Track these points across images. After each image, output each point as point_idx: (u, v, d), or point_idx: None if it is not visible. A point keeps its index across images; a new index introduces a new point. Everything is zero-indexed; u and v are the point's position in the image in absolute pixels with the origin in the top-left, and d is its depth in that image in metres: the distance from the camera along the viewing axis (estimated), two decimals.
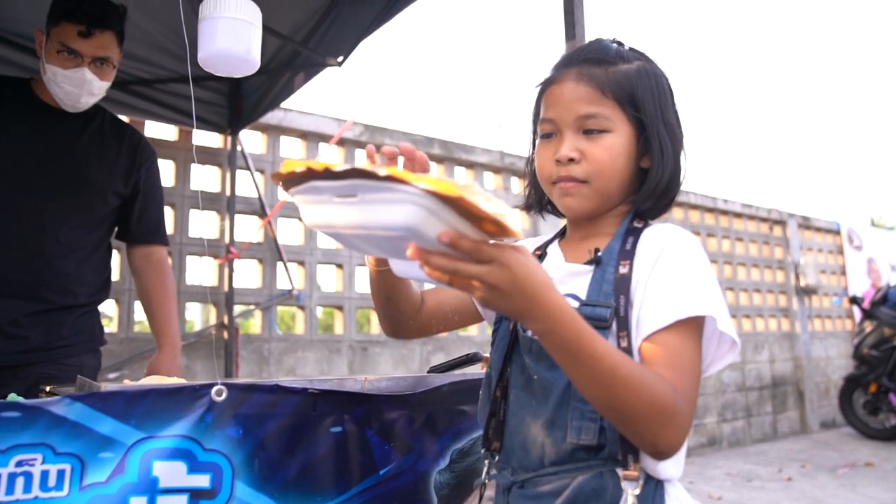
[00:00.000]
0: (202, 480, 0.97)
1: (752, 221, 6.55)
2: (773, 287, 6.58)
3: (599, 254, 0.94)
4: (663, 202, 1.00)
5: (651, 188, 0.98)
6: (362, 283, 3.94)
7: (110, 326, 3.24)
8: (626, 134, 0.97)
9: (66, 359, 1.73)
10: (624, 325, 0.88)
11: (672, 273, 0.90)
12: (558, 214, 1.08)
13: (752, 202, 6.55)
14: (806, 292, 6.70)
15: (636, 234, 0.97)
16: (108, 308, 3.25)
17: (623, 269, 0.92)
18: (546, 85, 1.02)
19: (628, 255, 0.93)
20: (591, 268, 0.94)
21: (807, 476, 4.44)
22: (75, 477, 0.90)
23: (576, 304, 0.90)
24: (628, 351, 0.87)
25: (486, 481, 0.98)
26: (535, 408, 0.91)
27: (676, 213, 5.84)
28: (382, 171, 0.63)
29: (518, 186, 4.74)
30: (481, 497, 1.02)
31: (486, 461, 0.98)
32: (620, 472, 0.85)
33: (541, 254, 1.05)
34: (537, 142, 1.03)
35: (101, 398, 0.94)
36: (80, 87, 1.73)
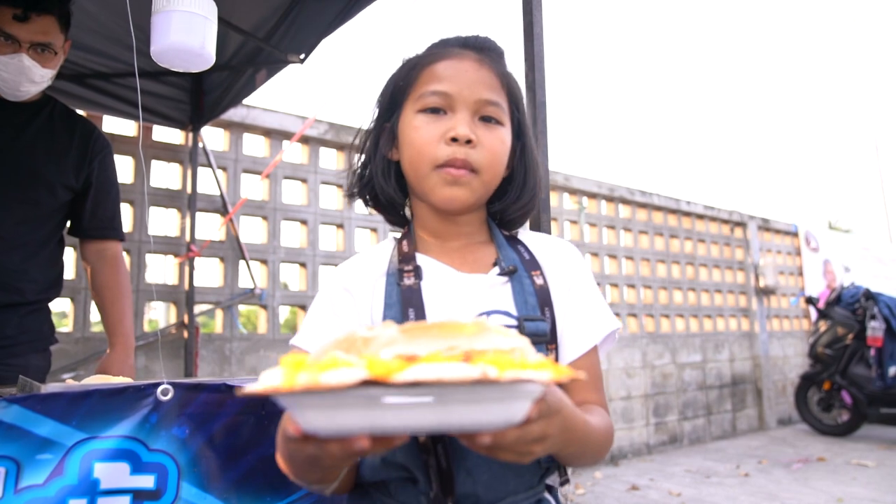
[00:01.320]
0: (146, 481, 0.95)
1: (714, 223, 6.68)
2: (734, 287, 6.72)
3: (505, 264, 0.89)
4: (528, 215, 0.96)
5: (526, 198, 0.94)
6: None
7: (65, 325, 3.17)
8: (510, 134, 0.92)
9: (11, 359, 1.68)
10: (553, 339, 0.86)
11: (585, 290, 0.91)
12: (387, 211, 0.97)
13: (715, 204, 6.68)
14: (765, 293, 6.86)
15: (519, 242, 0.94)
16: (63, 306, 3.17)
17: (539, 280, 0.88)
18: (437, 57, 0.90)
19: (535, 266, 0.90)
20: (506, 279, 0.88)
21: (763, 472, 4.54)
22: (10, 480, 0.88)
23: (511, 320, 0.85)
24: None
25: None
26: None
27: (640, 214, 5.93)
28: (507, 375, 0.51)
29: None
30: None
31: None
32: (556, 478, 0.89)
33: (413, 268, 0.89)
34: (414, 116, 0.89)
35: (40, 400, 0.92)
36: (18, 74, 1.64)
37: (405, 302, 0.85)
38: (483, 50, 0.92)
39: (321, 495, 0.98)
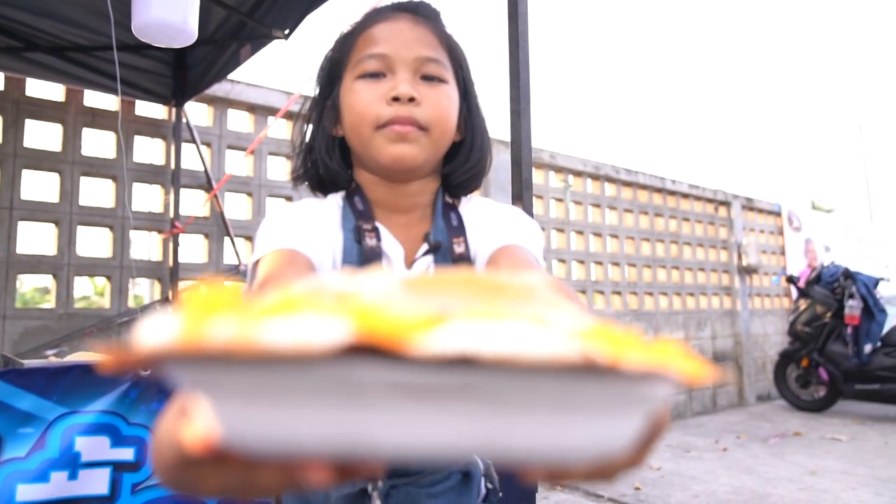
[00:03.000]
0: (126, 454, 0.97)
1: (699, 202, 6.73)
2: (717, 266, 6.80)
3: (432, 238, 0.85)
4: (478, 179, 0.92)
5: (474, 160, 0.90)
6: None
7: (48, 302, 3.17)
8: (456, 91, 0.88)
9: None
10: None
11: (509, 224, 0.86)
12: (332, 190, 0.91)
13: (699, 183, 6.73)
14: (747, 271, 6.95)
15: (455, 210, 0.90)
16: (45, 282, 3.16)
17: (458, 248, 0.85)
18: (371, 22, 0.87)
19: (459, 232, 0.86)
20: (429, 258, 0.85)
21: (741, 446, 4.64)
22: None
23: None
24: None
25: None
26: None
27: (625, 192, 5.96)
28: (632, 362, 0.25)
29: None
30: None
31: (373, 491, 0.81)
32: None
33: (373, 227, 0.84)
34: (353, 83, 0.85)
35: (21, 375, 0.93)
36: None
37: (367, 262, 0.81)
38: (418, 11, 0.88)
39: None
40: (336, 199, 0.90)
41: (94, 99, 3.27)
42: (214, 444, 0.28)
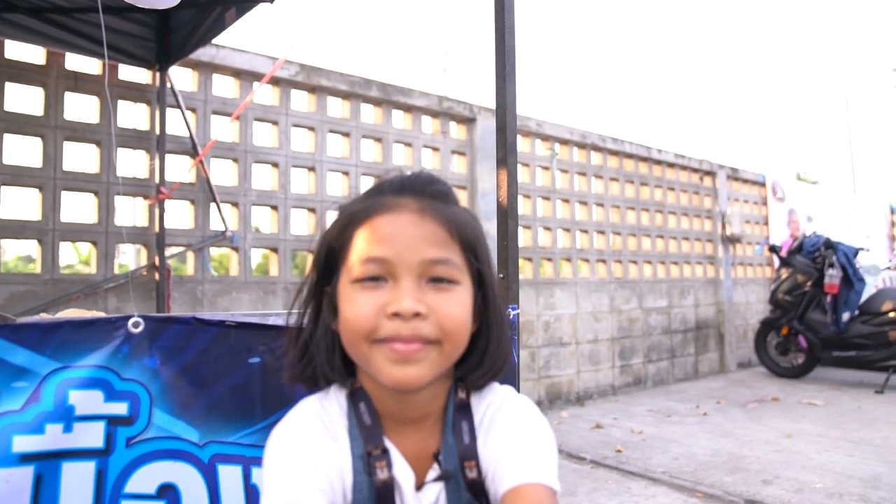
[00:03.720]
0: (120, 408, 1.00)
1: (684, 171, 6.77)
2: (701, 235, 6.87)
3: (443, 461, 0.79)
4: (496, 376, 0.84)
5: (489, 363, 0.81)
6: (298, 225, 3.93)
7: (32, 269, 3.16)
8: (470, 289, 0.79)
9: None
10: None
11: (515, 441, 0.79)
12: (338, 381, 0.82)
13: (685, 153, 6.76)
14: (731, 241, 7.03)
15: (468, 415, 0.81)
16: (30, 249, 3.15)
17: (471, 474, 0.78)
18: (371, 212, 0.77)
19: (471, 453, 0.78)
20: (440, 484, 0.79)
21: (721, 411, 4.76)
22: None
23: None
24: None
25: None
26: None
27: (612, 161, 5.98)
28: None
29: (457, 132, 4.76)
30: None
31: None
32: None
33: (382, 451, 0.77)
34: (350, 287, 0.76)
35: (14, 329, 0.95)
36: None
37: (379, 500, 0.76)
38: (424, 194, 0.78)
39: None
40: (340, 402, 0.82)
41: (76, 62, 3.22)
42: None
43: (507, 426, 0.79)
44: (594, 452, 3.64)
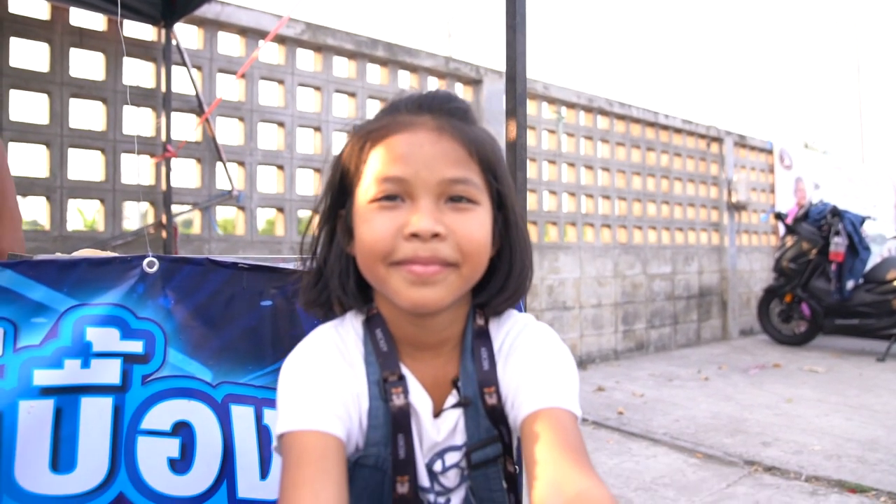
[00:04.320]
0: (135, 346, 1.02)
1: (691, 137, 6.72)
2: (706, 202, 6.85)
3: (461, 387, 0.79)
4: (517, 300, 0.83)
5: (511, 288, 0.80)
6: (303, 185, 3.93)
7: (41, 226, 3.18)
8: (490, 210, 0.77)
9: None
10: (509, 451, 0.80)
11: (535, 368, 0.78)
12: (357, 307, 0.81)
13: (692, 119, 6.70)
14: (736, 208, 7.01)
15: (487, 341, 0.80)
16: (38, 206, 3.17)
17: (491, 399, 0.77)
18: (388, 131, 0.75)
19: (490, 379, 0.78)
20: (459, 410, 0.79)
21: (722, 376, 4.80)
22: (8, 340, 0.94)
23: (459, 454, 0.79)
24: (514, 477, 0.80)
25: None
26: None
27: (618, 125, 5.94)
28: None
29: (463, 93, 4.72)
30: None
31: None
32: None
33: (398, 377, 0.77)
34: (365, 208, 0.74)
35: (32, 266, 0.97)
36: None
37: (395, 426, 0.76)
38: (442, 111, 0.76)
39: None
40: (356, 328, 0.81)
41: (81, 18, 3.19)
42: None
43: (528, 352, 0.79)
44: (596, 414, 3.69)
